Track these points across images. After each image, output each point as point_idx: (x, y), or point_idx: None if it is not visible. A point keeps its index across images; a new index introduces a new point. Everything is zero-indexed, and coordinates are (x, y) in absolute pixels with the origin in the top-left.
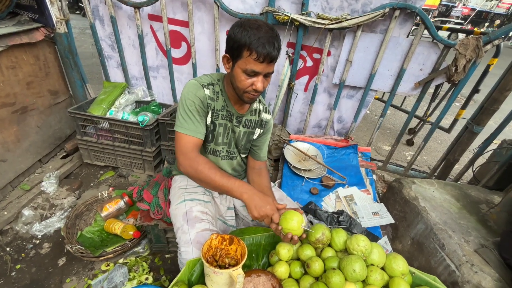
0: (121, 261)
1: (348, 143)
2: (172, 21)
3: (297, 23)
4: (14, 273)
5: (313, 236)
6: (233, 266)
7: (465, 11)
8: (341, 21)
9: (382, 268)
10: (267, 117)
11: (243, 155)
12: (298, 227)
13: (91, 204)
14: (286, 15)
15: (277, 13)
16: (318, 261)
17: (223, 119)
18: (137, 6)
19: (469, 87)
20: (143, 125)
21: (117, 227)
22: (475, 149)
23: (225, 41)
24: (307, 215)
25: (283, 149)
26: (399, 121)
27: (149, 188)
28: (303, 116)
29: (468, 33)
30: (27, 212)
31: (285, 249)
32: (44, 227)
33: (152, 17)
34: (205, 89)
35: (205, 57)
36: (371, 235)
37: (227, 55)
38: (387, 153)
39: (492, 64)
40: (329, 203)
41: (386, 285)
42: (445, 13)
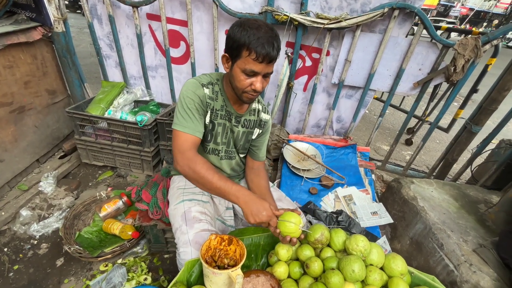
0: (119, 261)
1: (347, 143)
2: (170, 21)
3: (296, 23)
4: (12, 274)
5: (312, 236)
6: (232, 266)
7: (464, 11)
8: (340, 21)
9: (381, 268)
10: (266, 117)
11: (241, 155)
12: (296, 230)
13: (90, 204)
14: (285, 15)
15: (276, 13)
16: (317, 261)
17: (222, 119)
18: (136, 5)
19: (467, 86)
20: (141, 125)
21: (115, 228)
22: (474, 149)
23: (224, 40)
24: (306, 215)
25: (282, 149)
26: (398, 121)
27: (148, 188)
28: (302, 116)
29: (461, 32)
30: (25, 212)
31: (284, 250)
32: (42, 227)
33: (150, 17)
34: (205, 88)
35: (204, 56)
36: (370, 235)
37: (226, 55)
38: (386, 153)
39: (490, 64)
40: (328, 203)
41: (385, 285)
42: (443, 13)
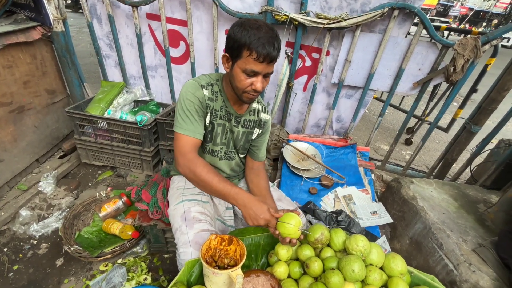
0: (119, 261)
1: (346, 142)
2: (170, 20)
3: (296, 23)
4: (11, 274)
5: (312, 236)
6: (232, 266)
7: (463, 10)
8: (340, 21)
9: (381, 268)
10: (266, 117)
11: (241, 155)
12: (295, 231)
13: (89, 204)
14: (285, 15)
15: (276, 13)
16: (317, 261)
17: (221, 119)
18: (135, 5)
19: (467, 86)
20: (141, 124)
21: (115, 227)
22: (473, 149)
23: (224, 40)
24: (306, 214)
25: (282, 149)
26: (397, 121)
27: (148, 188)
28: (302, 115)
29: (460, 32)
30: (25, 212)
31: (284, 250)
32: (41, 227)
33: (150, 16)
34: (204, 89)
35: (203, 56)
36: (370, 234)
37: (226, 55)
38: (386, 153)
39: (490, 64)
40: (328, 203)
41: (385, 285)
42: (443, 13)
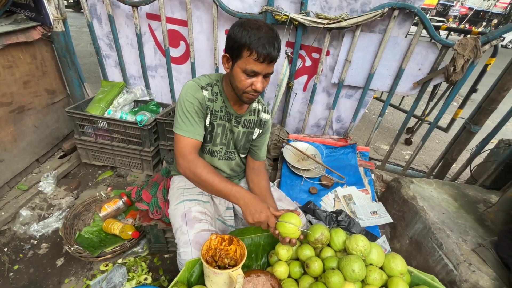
0: (120, 261)
1: (346, 142)
2: (170, 20)
3: (296, 23)
4: (12, 274)
5: (312, 236)
6: (232, 266)
7: (463, 10)
8: (340, 21)
9: (381, 267)
10: (266, 117)
11: (242, 155)
12: (295, 231)
13: (90, 204)
14: (285, 15)
15: (276, 13)
16: (317, 261)
17: (221, 120)
18: (135, 4)
19: (467, 86)
20: (141, 124)
21: (115, 227)
22: (473, 149)
23: (224, 40)
24: (306, 214)
25: (282, 149)
26: (397, 121)
27: (148, 188)
28: (302, 115)
29: (459, 32)
30: (25, 212)
31: (284, 249)
32: (42, 227)
33: (150, 16)
34: (204, 90)
35: (203, 56)
36: (370, 234)
37: (226, 55)
38: (386, 153)
39: (489, 63)
40: (328, 203)
41: (385, 285)
42: (443, 13)
